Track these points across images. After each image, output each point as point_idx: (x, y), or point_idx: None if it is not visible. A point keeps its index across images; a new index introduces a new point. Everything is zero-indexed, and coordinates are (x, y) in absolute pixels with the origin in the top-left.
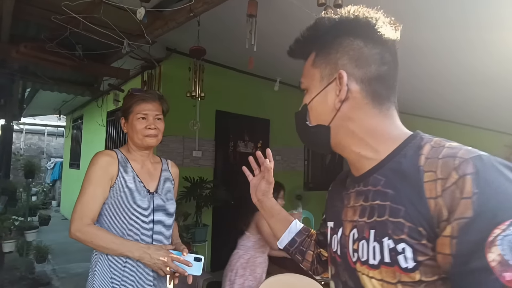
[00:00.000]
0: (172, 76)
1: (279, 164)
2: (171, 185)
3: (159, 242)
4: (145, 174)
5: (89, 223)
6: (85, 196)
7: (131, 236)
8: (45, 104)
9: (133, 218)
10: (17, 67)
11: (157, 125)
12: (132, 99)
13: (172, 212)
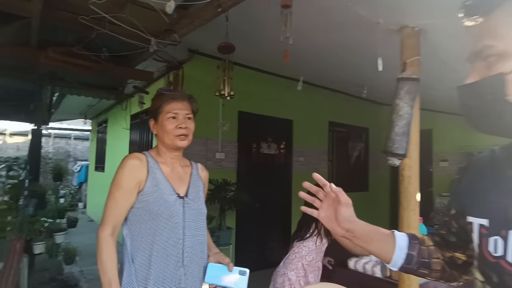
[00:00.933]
0: (195, 78)
1: (302, 165)
2: (201, 189)
3: (190, 249)
4: (175, 178)
5: (109, 233)
6: (111, 201)
7: (160, 243)
8: (72, 108)
9: (163, 223)
10: (45, 72)
11: (187, 124)
12: (162, 99)
13: (203, 217)
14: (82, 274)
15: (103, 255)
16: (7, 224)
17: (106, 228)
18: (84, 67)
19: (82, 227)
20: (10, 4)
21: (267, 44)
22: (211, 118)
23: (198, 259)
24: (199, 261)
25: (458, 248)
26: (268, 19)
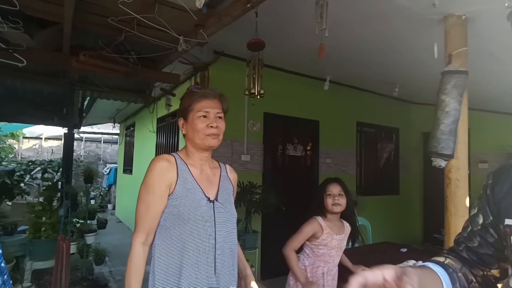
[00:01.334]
0: (220, 79)
1: (330, 167)
2: (230, 192)
3: (222, 255)
4: (204, 181)
5: (142, 241)
6: (142, 206)
7: (192, 249)
8: (101, 113)
9: (194, 229)
10: (77, 77)
11: (218, 124)
12: (192, 97)
13: (233, 222)
14: (111, 274)
15: (131, 268)
16: (42, 224)
17: (139, 236)
18: (113, 71)
19: (111, 228)
20: (44, 10)
21: (292, 43)
22: (236, 120)
23: (230, 265)
24: (231, 267)
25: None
26: (294, 16)
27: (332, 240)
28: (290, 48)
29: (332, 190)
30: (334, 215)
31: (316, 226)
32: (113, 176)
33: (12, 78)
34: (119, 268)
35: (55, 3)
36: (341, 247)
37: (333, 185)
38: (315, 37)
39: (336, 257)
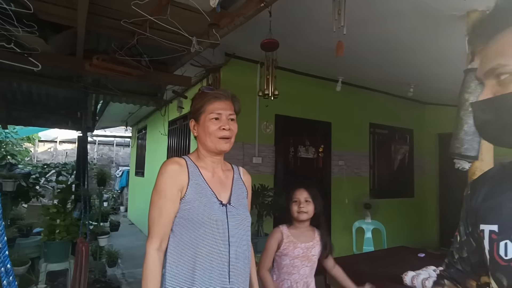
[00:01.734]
0: (232, 81)
1: (342, 169)
2: (244, 195)
3: (237, 259)
4: (216, 184)
5: (157, 247)
6: (155, 211)
7: (205, 254)
8: (114, 116)
9: (207, 233)
10: (90, 80)
11: (231, 126)
12: (204, 98)
13: (247, 226)
14: (123, 276)
15: (147, 275)
16: (57, 226)
17: (153, 242)
18: (126, 74)
19: (123, 230)
20: (58, 15)
21: (305, 43)
22: (248, 122)
23: (244, 269)
24: (245, 271)
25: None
26: (308, 15)
27: (295, 249)
28: (303, 48)
29: (298, 197)
30: (302, 223)
31: (278, 236)
32: (125, 179)
33: (28, 83)
34: (132, 270)
35: (68, 7)
36: (308, 256)
37: (300, 191)
38: (329, 36)
39: (302, 267)
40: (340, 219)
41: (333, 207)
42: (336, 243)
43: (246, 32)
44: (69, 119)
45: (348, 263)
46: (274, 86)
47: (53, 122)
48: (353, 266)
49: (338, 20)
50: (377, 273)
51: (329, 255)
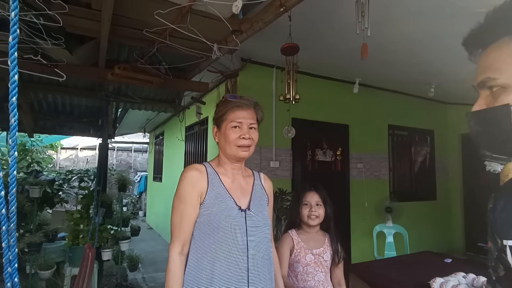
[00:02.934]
0: (248, 86)
1: (361, 172)
2: (264, 201)
3: (256, 264)
4: (236, 190)
5: (179, 251)
6: (177, 216)
7: (223, 259)
8: (133, 123)
9: (225, 238)
10: (112, 89)
11: (251, 135)
12: (227, 106)
13: (267, 232)
14: (144, 281)
15: (170, 280)
16: (80, 231)
17: (175, 246)
18: (147, 82)
19: (143, 235)
20: (83, 27)
21: (323, 46)
22: (265, 126)
23: (265, 275)
24: (265, 277)
25: None
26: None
27: (306, 255)
28: (320, 51)
29: (309, 200)
30: (312, 227)
31: (290, 242)
32: (144, 184)
33: (54, 93)
34: (152, 274)
35: (93, 19)
36: (320, 262)
37: (311, 194)
38: (347, 38)
39: (316, 273)
40: (360, 224)
41: (353, 211)
42: (357, 248)
43: (262, 37)
44: (91, 127)
45: (372, 268)
46: (296, 90)
47: (76, 130)
48: (378, 271)
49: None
50: (404, 279)
51: (339, 263)
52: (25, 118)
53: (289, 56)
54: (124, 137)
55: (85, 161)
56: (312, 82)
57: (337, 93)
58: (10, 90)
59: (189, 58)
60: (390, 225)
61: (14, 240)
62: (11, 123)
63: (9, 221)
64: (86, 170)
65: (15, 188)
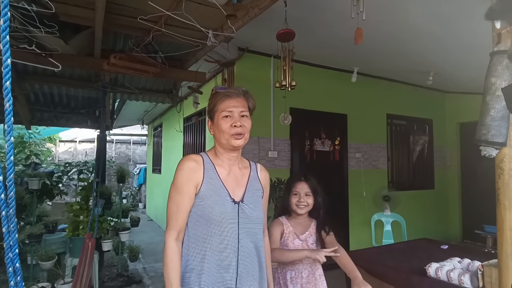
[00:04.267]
0: (246, 76)
1: (359, 162)
2: (259, 193)
3: (246, 259)
4: (231, 181)
5: (174, 238)
6: (173, 205)
7: (214, 250)
8: (130, 115)
9: (216, 230)
10: (108, 80)
11: (243, 122)
12: (216, 97)
13: (258, 225)
14: (145, 271)
15: (168, 265)
16: (80, 223)
17: (171, 234)
18: (143, 71)
19: (143, 226)
20: (77, 15)
21: (320, 34)
22: (263, 117)
23: (254, 267)
24: (255, 269)
25: None
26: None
27: (294, 240)
28: (317, 40)
29: (299, 190)
30: (301, 215)
31: (280, 226)
32: (143, 176)
33: (50, 84)
34: (153, 265)
35: (87, 8)
36: (307, 246)
37: (300, 184)
38: (345, 26)
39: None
40: (358, 213)
41: (351, 201)
42: (355, 237)
43: (258, 26)
44: (88, 118)
45: (369, 255)
46: (291, 77)
47: (74, 122)
48: (375, 258)
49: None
50: (400, 265)
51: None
52: (22, 110)
53: (285, 42)
54: (122, 129)
55: (84, 154)
56: (310, 72)
57: (335, 82)
58: (3, 74)
59: (185, 47)
60: (388, 213)
61: (14, 226)
62: (6, 108)
63: (8, 206)
64: (84, 162)
65: (13, 174)
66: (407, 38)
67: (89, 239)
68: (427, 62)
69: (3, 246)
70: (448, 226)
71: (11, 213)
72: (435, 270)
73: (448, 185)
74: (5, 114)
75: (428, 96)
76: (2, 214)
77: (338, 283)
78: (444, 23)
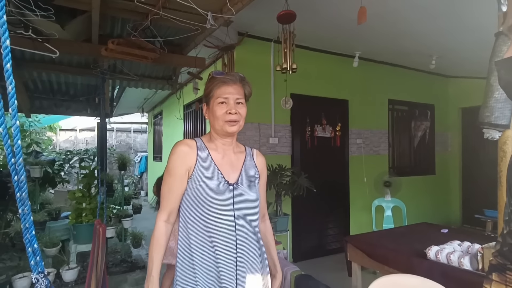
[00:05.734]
0: (246, 61)
1: (361, 148)
2: (255, 177)
3: (244, 238)
4: (226, 165)
5: (165, 219)
6: (165, 188)
7: (211, 232)
8: (130, 103)
9: (212, 211)
10: (107, 66)
11: (238, 109)
12: (213, 83)
13: (255, 205)
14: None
15: (153, 244)
16: (83, 210)
17: (162, 215)
18: (141, 57)
19: (145, 213)
20: None
21: (319, 18)
22: (263, 103)
23: (253, 248)
24: (255, 249)
25: None
26: None
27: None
28: (318, 23)
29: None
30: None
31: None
32: (144, 164)
33: (48, 71)
34: None
35: None
36: None
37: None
38: (346, 8)
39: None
40: (359, 198)
41: (352, 187)
42: (355, 222)
43: (258, 9)
44: (88, 106)
45: (370, 239)
46: (292, 59)
47: (74, 110)
48: (375, 241)
49: None
50: (400, 248)
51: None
52: (21, 98)
53: (286, 24)
54: (122, 117)
55: (85, 142)
56: (311, 56)
57: (337, 67)
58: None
59: (184, 31)
60: (389, 199)
61: (28, 208)
62: (9, 91)
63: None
64: (85, 150)
65: (22, 157)
66: (412, 18)
67: (99, 225)
68: (430, 44)
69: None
70: (448, 211)
71: (23, 196)
72: (435, 253)
73: (449, 170)
74: (8, 96)
75: (430, 81)
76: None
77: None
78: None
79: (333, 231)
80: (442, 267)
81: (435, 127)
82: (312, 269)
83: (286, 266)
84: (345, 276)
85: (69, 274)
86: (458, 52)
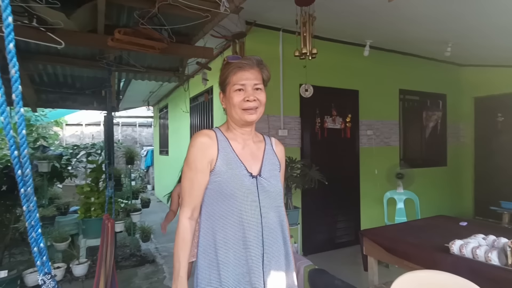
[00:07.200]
0: (254, 51)
1: (371, 139)
2: (276, 167)
3: (270, 232)
4: (247, 155)
5: (188, 216)
6: (186, 183)
7: (236, 227)
8: (136, 96)
9: (237, 205)
10: (113, 58)
11: (257, 96)
12: (228, 68)
13: (279, 198)
14: (157, 250)
15: (179, 242)
16: (91, 204)
17: (185, 211)
18: (149, 47)
19: (153, 207)
20: None
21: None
22: (271, 94)
23: (278, 240)
24: (279, 241)
25: None
26: None
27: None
28: (329, 11)
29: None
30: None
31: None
32: (150, 158)
33: (53, 64)
34: (165, 244)
35: None
36: None
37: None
38: None
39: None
40: (370, 191)
41: (362, 179)
42: (366, 214)
43: None
44: (94, 100)
45: (387, 233)
46: (312, 44)
47: (80, 103)
48: (394, 235)
49: None
50: (421, 242)
51: None
52: (27, 92)
53: (305, 6)
54: (128, 111)
55: (91, 137)
56: (320, 46)
57: (347, 57)
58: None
59: (193, 19)
60: (401, 191)
61: (34, 205)
62: (12, 74)
63: (25, 184)
64: (92, 145)
65: (27, 149)
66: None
67: (108, 220)
68: (446, 30)
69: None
70: (460, 203)
71: (29, 191)
72: (459, 247)
73: (461, 161)
74: (12, 81)
75: (443, 69)
76: (21, 191)
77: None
78: None
79: (343, 224)
80: (468, 262)
81: (447, 117)
82: (324, 263)
83: (298, 260)
84: (358, 269)
85: (79, 269)
86: (473, 39)
